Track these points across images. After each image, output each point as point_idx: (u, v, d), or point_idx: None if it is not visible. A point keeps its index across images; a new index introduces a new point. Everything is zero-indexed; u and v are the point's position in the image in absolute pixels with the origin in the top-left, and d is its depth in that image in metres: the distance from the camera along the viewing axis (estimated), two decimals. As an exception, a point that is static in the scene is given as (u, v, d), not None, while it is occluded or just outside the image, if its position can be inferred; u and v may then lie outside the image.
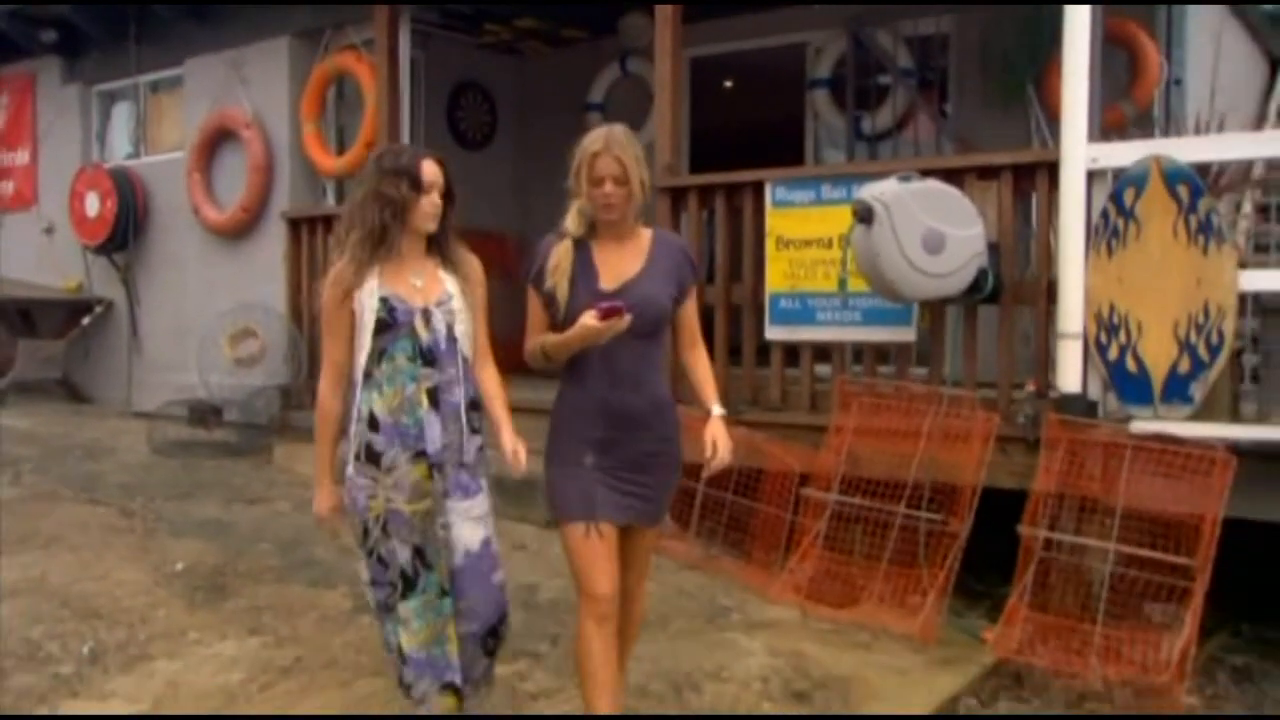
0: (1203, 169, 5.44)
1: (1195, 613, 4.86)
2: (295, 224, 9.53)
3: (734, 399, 6.58)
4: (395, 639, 3.67)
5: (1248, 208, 8.90)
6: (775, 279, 6.63)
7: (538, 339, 3.69)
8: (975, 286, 5.63)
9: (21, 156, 12.56)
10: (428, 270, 3.69)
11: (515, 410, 3.85)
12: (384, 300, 3.57)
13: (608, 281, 3.63)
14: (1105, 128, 7.20)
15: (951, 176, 5.85)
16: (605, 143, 3.58)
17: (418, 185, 3.57)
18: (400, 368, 3.58)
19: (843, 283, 5.96)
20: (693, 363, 3.85)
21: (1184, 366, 5.23)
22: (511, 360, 4.04)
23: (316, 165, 9.64)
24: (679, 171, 7.58)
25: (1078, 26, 5.43)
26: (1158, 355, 5.27)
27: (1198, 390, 5.23)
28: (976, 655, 5.25)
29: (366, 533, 3.62)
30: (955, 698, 4.85)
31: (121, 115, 11.74)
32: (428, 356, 3.61)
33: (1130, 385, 5.34)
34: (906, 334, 6.15)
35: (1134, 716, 4.41)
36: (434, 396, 3.61)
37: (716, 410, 3.74)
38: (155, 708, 4.36)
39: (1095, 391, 5.51)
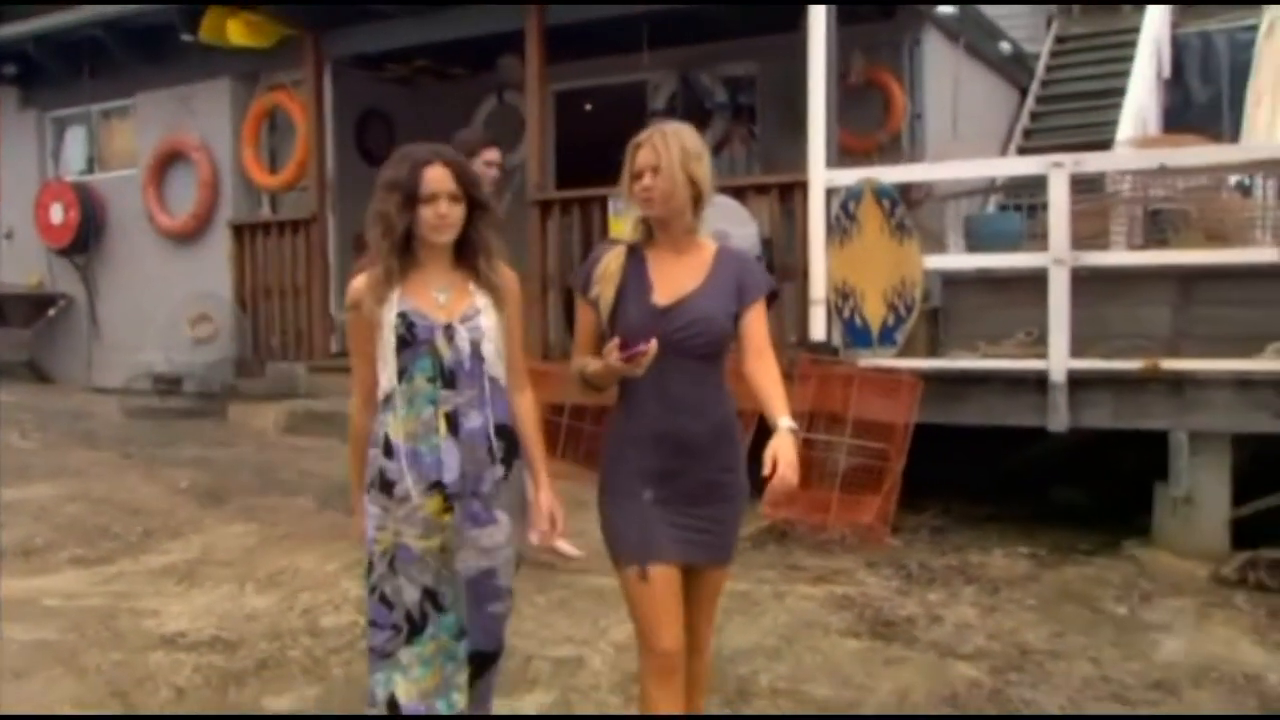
0: (902, 187, 7.73)
1: (893, 482, 7.11)
2: (239, 230, 11.48)
3: (590, 355, 8.70)
4: (385, 691, 3.23)
5: (991, 209, 11.27)
6: (617, 266, 8.83)
7: (581, 360, 3.36)
8: (754, 268, 7.85)
9: (-21, 171, 14.16)
10: (455, 283, 3.27)
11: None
12: (402, 316, 3.17)
13: (662, 297, 3.26)
14: (866, 152, 9.55)
15: (738, 192, 8.08)
16: (649, 134, 3.31)
17: (413, 198, 3.15)
18: (419, 389, 3.18)
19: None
20: (756, 371, 3.28)
21: (890, 320, 7.50)
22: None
23: (255, 182, 11.61)
24: (546, 187, 9.71)
25: (815, 90, 7.67)
26: (874, 313, 7.53)
27: (900, 336, 7.50)
28: (755, 521, 7.43)
29: (371, 568, 3.23)
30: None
31: (76, 137, 13.41)
32: (448, 377, 3.19)
33: (858, 334, 7.59)
34: (709, 303, 8.35)
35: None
36: (452, 421, 3.19)
37: (784, 423, 3.16)
38: (202, 556, 6.34)
39: (836, 340, 7.78)
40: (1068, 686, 4.94)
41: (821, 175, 7.64)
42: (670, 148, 3.24)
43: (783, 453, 3.06)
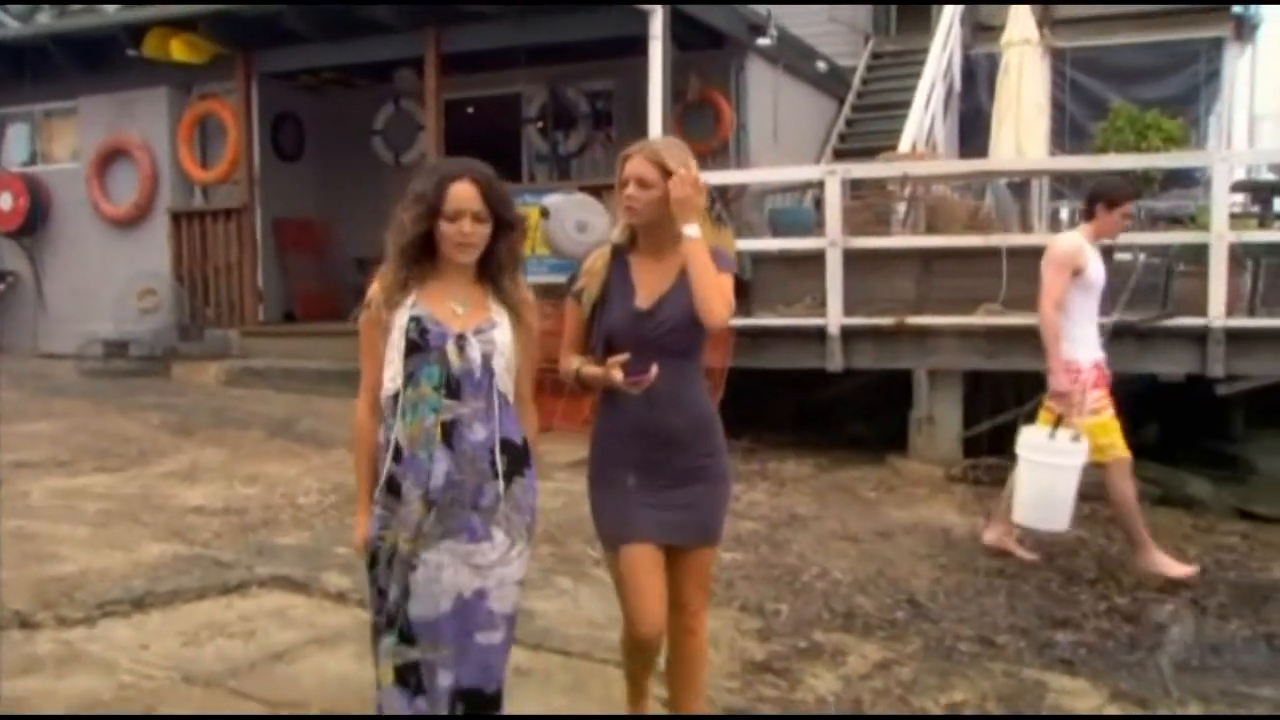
0: (720, 187, 9.87)
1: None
2: (176, 217, 13.33)
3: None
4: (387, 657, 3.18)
5: (808, 202, 13.45)
6: (501, 248, 10.90)
7: (573, 362, 3.45)
8: (608, 250, 9.95)
9: (-74, 163, 15.56)
10: (474, 298, 3.19)
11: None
12: (416, 320, 3.11)
13: (643, 299, 3.38)
14: (702, 156, 11.61)
15: (596, 190, 10.16)
16: (641, 146, 3.44)
17: (434, 213, 3.10)
18: (424, 396, 3.11)
19: (534, 249, 10.12)
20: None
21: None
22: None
23: (190, 176, 13.40)
24: (442, 183, 11.71)
25: (654, 111, 9.80)
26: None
27: (719, 301, 9.65)
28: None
29: (375, 561, 3.18)
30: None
31: (19, 133, 14.96)
32: (453, 387, 3.11)
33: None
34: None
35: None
36: (449, 431, 3.11)
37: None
38: (191, 467, 8.21)
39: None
40: (818, 533, 7.12)
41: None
42: (660, 164, 3.36)
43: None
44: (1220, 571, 6.66)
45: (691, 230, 3.34)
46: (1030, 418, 9.63)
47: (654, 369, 3.21)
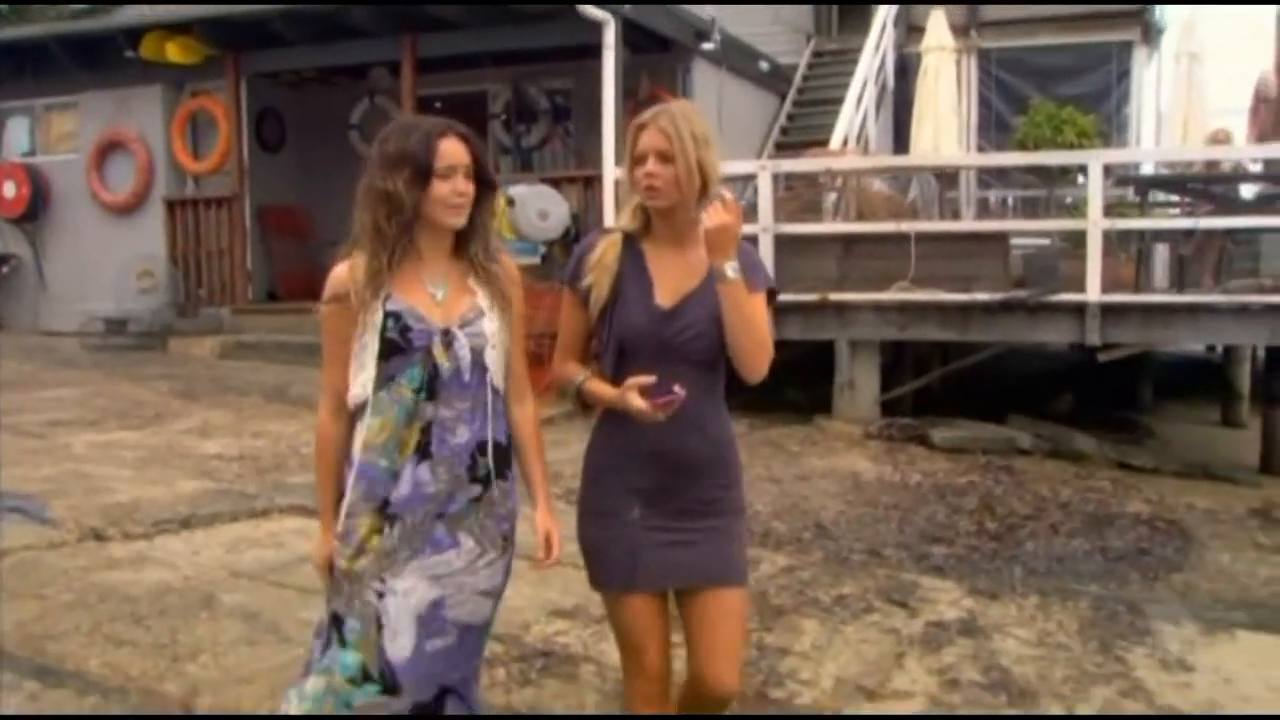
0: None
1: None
2: (171, 204, 14.34)
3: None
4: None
5: (750, 193, 14.58)
6: (472, 233, 12.05)
7: (575, 373, 2.95)
8: (565, 235, 11.09)
9: (-70, 153, 16.44)
10: (453, 278, 2.78)
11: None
12: (395, 317, 2.69)
13: (664, 296, 2.88)
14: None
15: (556, 182, 11.30)
16: (654, 115, 2.84)
17: (426, 173, 2.65)
18: (401, 399, 2.70)
19: (500, 234, 11.13)
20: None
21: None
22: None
23: (183, 166, 14.41)
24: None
25: (608, 111, 10.91)
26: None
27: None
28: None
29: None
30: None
31: (19, 125, 15.85)
32: (433, 389, 2.71)
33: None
34: (535, 259, 11.51)
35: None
36: (425, 437, 2.71)
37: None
38: (203, 425, 9.27)
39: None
40: (746, 477, 8.02)
41: (611, 171, 10.83)
42: (682, 132, 2.80)
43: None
44: (1084, 506, 7.92)
45: (731, 269, 2.78)
46: (945, 381, 10.98)
47: (680, 390, 2.76)
